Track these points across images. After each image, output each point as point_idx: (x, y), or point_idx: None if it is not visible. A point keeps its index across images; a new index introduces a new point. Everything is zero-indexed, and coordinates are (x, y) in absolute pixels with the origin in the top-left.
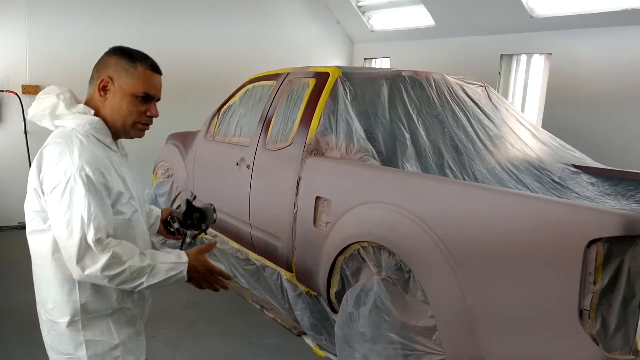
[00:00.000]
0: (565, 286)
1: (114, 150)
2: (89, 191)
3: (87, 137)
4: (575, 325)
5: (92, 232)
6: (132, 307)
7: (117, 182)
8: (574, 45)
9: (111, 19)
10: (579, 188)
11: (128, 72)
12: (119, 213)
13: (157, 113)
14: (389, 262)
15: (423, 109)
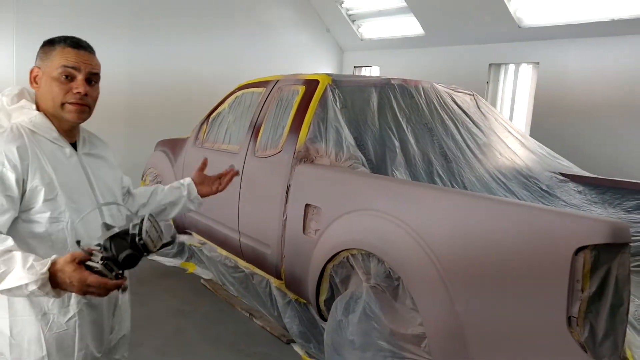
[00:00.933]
0: (553, 293)
1: (60, 146)
2: None
3: (20, 130)
4: (564, 332)
5: None
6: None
7: (41, 179)
8: (561, 55)
9: (100, 33)
10: (567, 196)
11: (48, 55)
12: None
13: (83, 89)
14: (378, 269)
15: (412, 117)
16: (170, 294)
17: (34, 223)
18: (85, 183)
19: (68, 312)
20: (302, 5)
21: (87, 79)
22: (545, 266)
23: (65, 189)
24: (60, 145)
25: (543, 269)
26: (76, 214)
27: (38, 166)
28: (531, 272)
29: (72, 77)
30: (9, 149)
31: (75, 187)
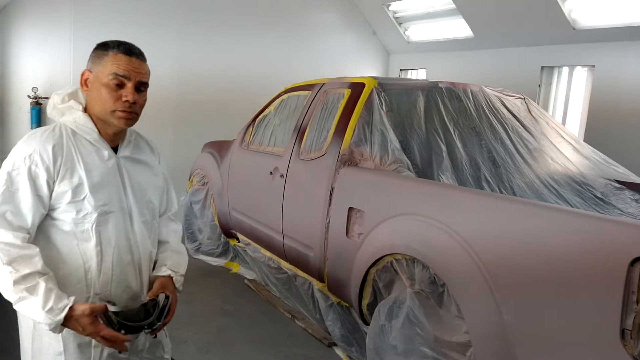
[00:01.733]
0: (606, 305)
1: (99, 148)
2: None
3: (62, 129)
4: (617, 345)
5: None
6: None
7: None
8: (618, 57)
9: (152, 33)
10: (623, 204)
11: (101, 60)
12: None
13: (132, 97)
14: (423, 275)
15: (460, 120)
16: (214, 293)
17: (59, 221)
18: (118, 186)
19: None
20: (349, 8)
21: (136, 87)
22: (599, 276)
23: (95, 191)
24: (99, 147)
25: (597, 279)
26: (103, 217)
27: (70, 166)
28: (584, 282)
29: (122, 85)
30: (45, 147)
31: (107, 189)
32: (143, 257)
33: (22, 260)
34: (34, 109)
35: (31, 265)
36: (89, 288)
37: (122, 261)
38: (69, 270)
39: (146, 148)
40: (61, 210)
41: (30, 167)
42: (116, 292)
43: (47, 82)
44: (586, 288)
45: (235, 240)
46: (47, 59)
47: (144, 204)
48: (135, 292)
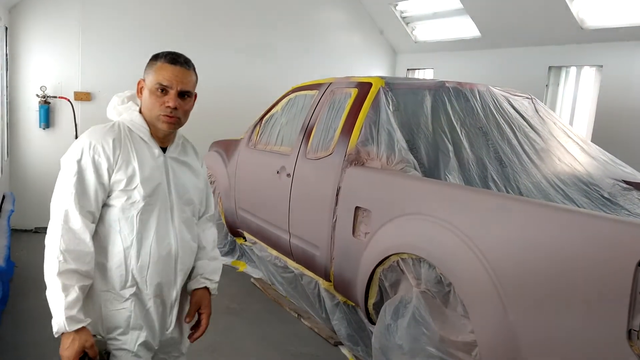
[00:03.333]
0: (613, 305)
1: (151, 146)
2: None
3: (121, 126)
4: (624, 346)
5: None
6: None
7: (127, 170)
8: (626, 57)
9: (160, 36)
10: (630, 205)
11: (151, 69)
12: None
13: (173, 103)
14: (429, 274)
15: (467, 120)
16: (221, 291)
17: (109, 207)
18: (164, 182)
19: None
20: (355, 7)
21: (179, 94)
22: (605, 277)
23: (144, 184)
24: (150, 145)
25: (603, 279)
26: (148, 207)
27: (126, 159)
28: (590, 282)
29: (165, 92)
30: (106, 139)
31: (154, 183)
32: (182, 251)
33: (76, 254)
34: (42, 107)
35: (80, 263)
36: (127, 273)
37: (159, 251)
38: (112, 253)
39: (191, 152)
40: (114, 196)
41: (94, 157)
42: (151, 279)
43: (55, 81)
44: (593, 289)
45: (242, 239)
46: (56, 58)
47: (185, 201)
48: (169, 282)
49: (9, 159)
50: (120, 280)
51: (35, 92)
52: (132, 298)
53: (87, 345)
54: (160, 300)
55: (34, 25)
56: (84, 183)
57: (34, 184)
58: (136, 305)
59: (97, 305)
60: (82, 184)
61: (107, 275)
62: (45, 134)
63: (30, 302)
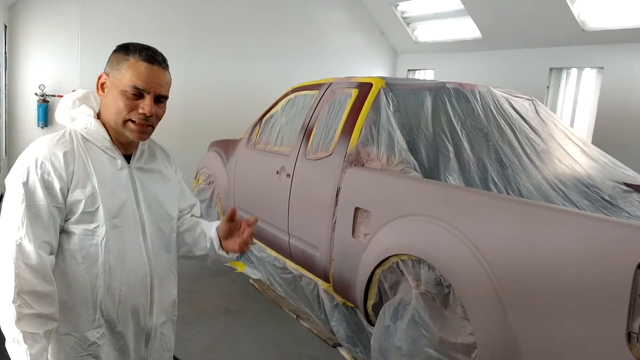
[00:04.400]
0: (613, 308)
1: (112, 156)
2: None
3: (73, 135)
4: (623, 348)
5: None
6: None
7: (84, 189)
8: (627, 59)
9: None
10: (630, 207)
11: (120, 65)
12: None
13: (149, 110)
14: (429, 276)
15: (467, 121)
16: (220, 292)
17: (68, 234)
18: (131, 199)
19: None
20: (357, 8)
21: (155, 98)
22: (605, 279)
23: (106, 203)
24: (112, 155)
25: (603, 282)
26: (114, 231)
27: (83, 175)
28: (590, 285)
29: (140, 96)
30: (55, 154)
31: (119, 202)
32: (157, 278)
33: (35, 295)
34: (40, 106)
35: (42, 305)
36: (94, 311)
37: (131, 281)
38: (74, 288)
39: (161, 156)
40: (73, 221)
41: (43, 176)
42: (123, 313)
43: (54, 80)
44: (592, 291)
45: None
46: (55, 56)
47: (160, 217)
48: (144, 314)
49: (7, 158)
50: (86, 321)
51: (34, 91)
52: (100, 341)
53: None
54: (135, 335)
55: (33, 23)
56: (35, 209)
57: None
58: (105, 347)
59: (58, 352)
60: (32, 210)
61: (70, 315)
62: (44, 133)
63: None
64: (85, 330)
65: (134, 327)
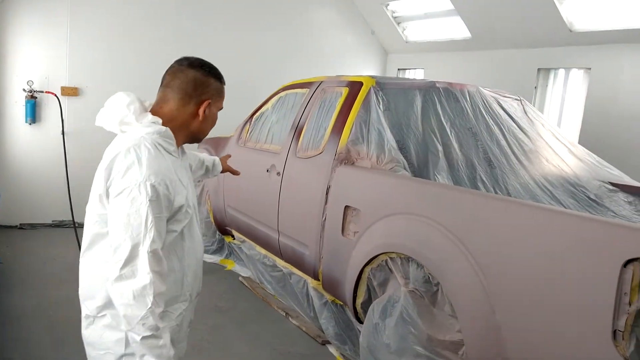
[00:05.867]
0: (599, 306)
1: (177, 157)
2: (150, 202)
3: (154, 146)
4: (609, 346)
5: (147, 242)
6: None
7: (181, 193)
8: (614, 60)
9: (149, 26)
10: (616, 207)
11: (221, 94)
12: (177, 222)
13: None
14: (417, 274)
15: (456, 121)
16: (209, 290)
17: (169, 233)
18: (193, 186)
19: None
20: (347, 7)
21: None
22: (591, 277)
23: (190, 201)
24: (176, 157)
25: (589, 280)
26: (191, 221)
27: (177, 183)
28: (577, 283)
29: None
30: (165, 169)
31: (193, 195)
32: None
33: (162, 295)
34: (28, 102)
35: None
36: (182, 288)
37: (197, 258)
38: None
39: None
40: (171, 222)
41: (164, 192)
42: (194, 285)
43: (42, 76)
44: (579, 289)
45: (230, 238)
46: (44, 52)
47: (195, 202)
48: (200, 284)
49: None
50: (177, 297)
51: (22, 87)
52: (183, 312)
53: None
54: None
55: (21, 18)
56: (158, 221)
57: (19, 179)
58: (185, 316)
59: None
60: (157, 222)
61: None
62: (32, 129)
63: (15, 299)
64: (175, 304)
65: (196, 296)
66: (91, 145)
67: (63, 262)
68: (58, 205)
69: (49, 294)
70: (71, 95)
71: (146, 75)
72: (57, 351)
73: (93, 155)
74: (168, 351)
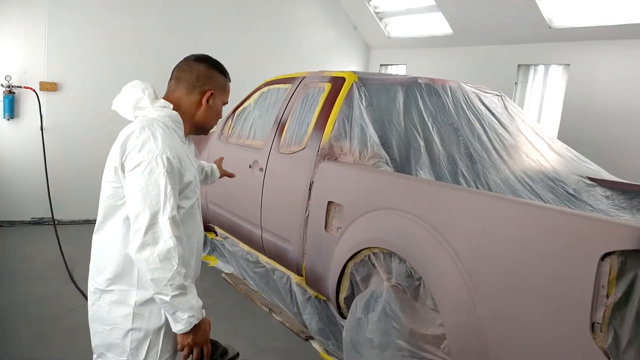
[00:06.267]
0: (577, 299)
1: (184, 143)
2: (167, 173)
3: (166, 127)
4: (587, 338)
5: (167, 210)
6: None
7: (190, 170)
8: (592, 57)
9: (129, 20)
10: (594, 201)
11: (225, 87)
12: (186, 198)
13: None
14: (400, 268)
15: (438, 116)
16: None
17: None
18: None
19: None
20: (330, 2)
21: None
22: (570, 271)
23: (196, 180)
24: (184, 142)
25: (568, 273)
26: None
27: (185, 159)
28: (556, 276)
29: None
30: (177, 146)
31: (198, 178)
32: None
33: (182, 259)
34: (6, 97)
35: (184, 264)
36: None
37: (199, 240)
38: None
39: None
40: (182, 197)
41: (177, 166)
42: (196, 269)
43: (20, 71)
44: (558, 283)
45: (213, 234)
46: (22, 47)
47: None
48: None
49: None
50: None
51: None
52: None
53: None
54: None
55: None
56: (174, 191)
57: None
58: None
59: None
60: (173, 192)
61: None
62: (10, 125)
63: None
64: None
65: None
66: (70, 141)
67: (42, 260)
68: (37, 202)
69: (29, 291)
70: (50, 91)
71: (126, 70)
72: (37, 348)
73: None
74: (197, 302)
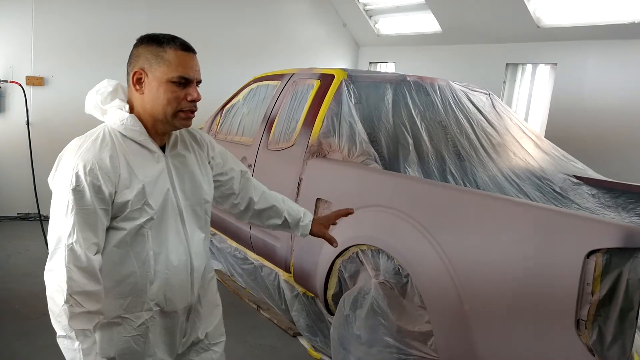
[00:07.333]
0: (562, 296)
1: (149, 150)
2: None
3: (111, 135)
4: (572, 335)
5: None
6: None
7: (130, 188)
8: (580, 56)
9: (117, 13)
10: (580, 199)
11: (158, 58)
12: (126, 220)
13: (198, 96)
14: (387, 266)
15: (427, 114)
16: None
17: (117, 230)
18: (170, 188)
19: (140, 317)
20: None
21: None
22: (555, 268)
23: (153, 198)
24: (149, 149)
25: (554, 270)
26: (158, 220)
27: (128, 176)
28: (542, 273)
29: (186, 84)
30: (102, 159)
31: (162, 194)
32: (195, 257)
33: (85, 295)
34: None
35: (90, 304)
36: (144, 293)
37: (175, 265)
38: (122, 276)
39: (189, 140)
40: (122, 219)
41: (93, 182)
42: (169, 294)
43: (6, 65)
44: (543, 279)
45: None
46: (8, 41)
47: (195, 201)
48: (186, 294)
49: None
50: (136, 304)
51: None
52: (149, 322)
53: None
54: (179, 313)
55: None
56: (84, 213)
57: None
58: (153, 327)
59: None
60: (82, 214)
61: (121, 301)
62: None
63: None
64: (135, 312)
65: (179, 306)
66: (57, 136)
67: (28, 256)
68: (23, 197)
69: (14, 287)
70: (36, 85)
71: (114, 64)
72: (23, 345)
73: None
74: (83, 357)
